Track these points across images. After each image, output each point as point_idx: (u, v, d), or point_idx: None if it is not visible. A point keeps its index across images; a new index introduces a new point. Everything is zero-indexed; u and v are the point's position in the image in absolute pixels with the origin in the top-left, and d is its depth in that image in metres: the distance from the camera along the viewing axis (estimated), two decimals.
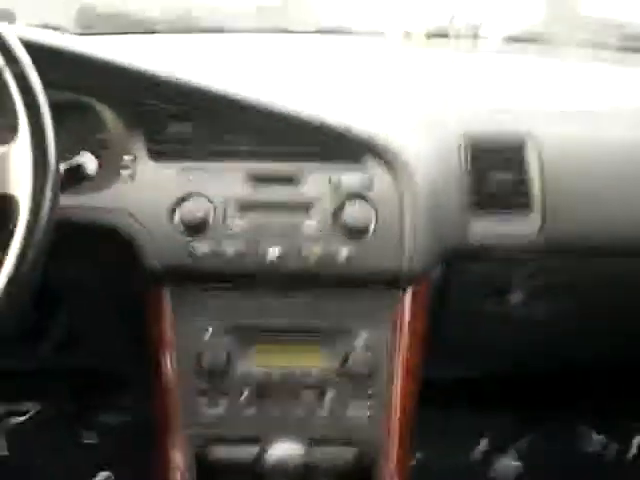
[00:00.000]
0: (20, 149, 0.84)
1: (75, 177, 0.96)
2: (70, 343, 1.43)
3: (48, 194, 0.83)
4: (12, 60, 0.86)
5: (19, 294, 0.82)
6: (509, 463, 1.97)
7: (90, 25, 2.19)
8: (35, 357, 1.55)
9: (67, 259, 0.86)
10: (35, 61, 0.90)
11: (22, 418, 2.02)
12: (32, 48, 0.92)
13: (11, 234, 0.83)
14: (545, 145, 1.24)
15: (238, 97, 1.16)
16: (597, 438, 1.99)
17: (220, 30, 1.85)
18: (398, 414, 1.17)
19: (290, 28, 1.85)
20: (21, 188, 0.83)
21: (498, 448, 1.98)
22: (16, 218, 0.83)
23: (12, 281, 0.81)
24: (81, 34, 1.74)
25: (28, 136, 0.84)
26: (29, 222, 0.82)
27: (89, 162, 0.97)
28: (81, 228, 1.08)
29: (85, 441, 1.99)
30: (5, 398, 2.02)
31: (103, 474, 1.93)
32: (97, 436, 1.99)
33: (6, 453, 1.99)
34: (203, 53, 1.60)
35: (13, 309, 0.83)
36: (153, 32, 1.84)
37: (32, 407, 2.03)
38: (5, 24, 0.90)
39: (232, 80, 1.20)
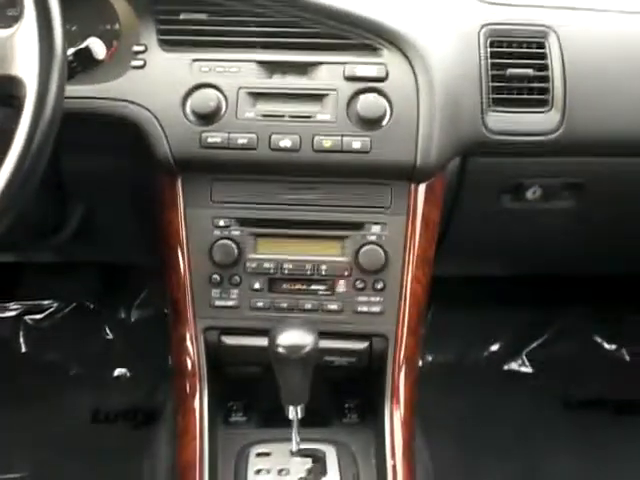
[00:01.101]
0: (26, 31, 0.83)
1: (83, 62, 0.95)
2: (87, 236, 1.44)
3: (55, 75, 0.82)
4: None
5: (27, 181, 0.82)
6: (519, 365, 2.00)
7: None
8: (52, 252, 1.57)
9: (81, 150, 0.85)
10: None
11: (40, 315, 2.06)
12: None
13: (17, 116, 0.82)
14: (567, 40, 1.21)
15: None
16: (610, 344, 2.01)
17: None
18: (409, 306, 1.17)
19: None
20: (27, 70, 0.81)
21: (509, 349, 2.00)
22: (23, 100, 0.82)
23: (19, 166, 0.80)
24: None
25: (34, 18, 0.83)
26: (36, 103, 0.81)
27: (97, 46, 0.95)
28: (92, 118, 1.08)
29: (103, 337, 2.03)
30: (23, 296, 2.06)
31: (120, 371, 1.97)
32: (115, 332, 2.03)
33: (25, 350, 2.03)
34: None
35: (23, 195, 0.82)
36: None
37: (51, 304, 2.06)
38: None
39: None
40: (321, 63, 1.13)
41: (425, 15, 1.20)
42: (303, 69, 1.14)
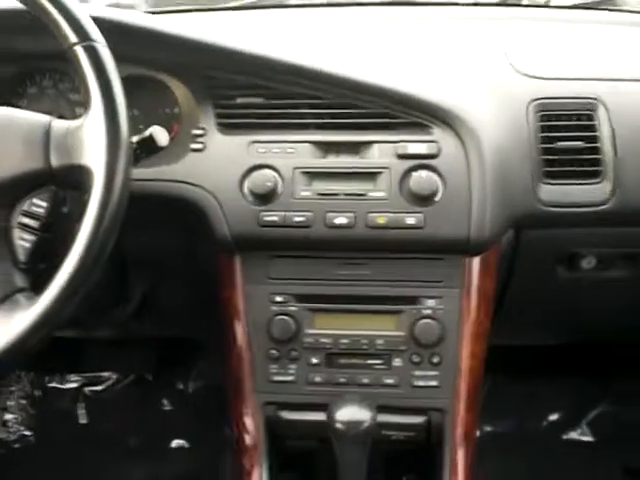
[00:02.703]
0: (94, 122, 0.87)
1: (147, 149, 0.99)
2: (147, 313, 1.48)
3: (121, 164, 0.85)
4: (84, 37, 0.89)
5: (96, 262, 0.85)
6: (579, 434, 1.96)
7: (158, 2, 2.24)
8: (113, 326, 1.60)
9: (144, 230, 0.89)
10: (109, 38, 0.93)
11: (100, 387, 2.10)
12: (106, 25, 0.95)
13: (85, 204, 0.86)
14: (615, 111, 1.22)
15: (305, 69, 1.18)
16: None
17: (284, 5, 1.86)
18: (466, 381, 1.18)
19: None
20: (95, 159, 0.85)
21: (568, 418, 1.97)
22: (90, 187, 0.85)
23: (89, 250, 0.84)
24: (151, 12, 1.77)
25: (101, 109, 0.87)
26: (103, 191, 0.84)
27: (160, 134, 0.99)
28: (155, 200, 1.11)
29: (161, 408, 2.05)
30: (84, 368, 2.10)
31: (177, 442, 1.99)
32: (173, 403, 2.05)
33: (86, 421, 2.06)
34: (269, 28, 1.62)
35: (90, 279, 0.86)
36: (219, 9, 1.87)
37: (110, 376, 2.10)
38: (78, 3, 0.93)
39: (299, 53, 1.21)
40: (373, 142, 1.16)
41: (473, 92, 1.23)
42: (356, 148, 1.16)
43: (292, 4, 1.83)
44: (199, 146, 1.18)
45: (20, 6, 1.00)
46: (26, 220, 0.90)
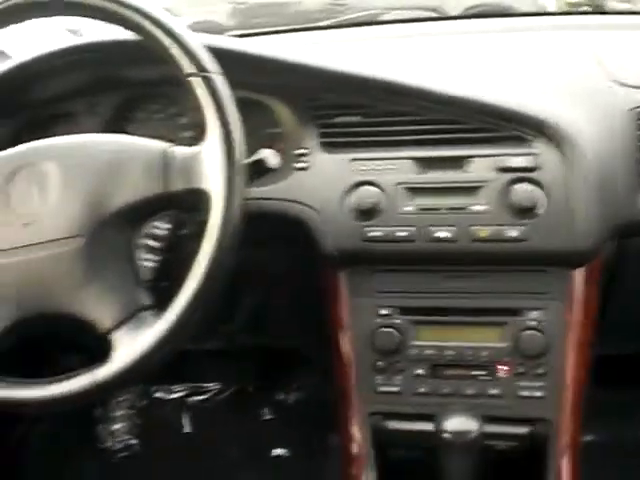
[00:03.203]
0: (211, 148, 0.91)
1: (259, 171, 1.03)
2: (253, 324, 1.53)
3: (237, 188, 0.90)
4: (200, 68, 0.94)
5: (216, 280, 0.90)
6: None
7: (244, 21, 2.31)
8: (220, 339, 1.66)
9: (251, 247, 0.92)
10: (220, 65, 0.98)
11: (203, 397, 2.16)
12: (217, 53, 0.99)
13: (203, 226, 0.91)
14: None
15: (404, 87, 1.20)
16: None
17: (374, 22, 1.90)
18: (570, 392, 1.18)
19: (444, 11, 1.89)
20: (213, 183, 0.90)
21: None
22: (209, 210, 0.90)
23: (210, 268, 0.88)
24: (238, 32, 1.82)
25: (218, 136, 0.92)
26: (222, 213, 0.89)
27: (271, 157, 1.04)
28: (262, 217, 1.16)
29: (262, 418, 2.10)
30: (188, 378, 2.17)
31: (279, 451, 2.03)
32: (274, 413, 2.10)
33: (189, 430, 2.13)
34: (361, 45, 1.65)
35: (212, 296, 0.90)
36: (310, 28, 1.91)
37: (212, 387, 2.16)
38: (192, 33, 0.98)
39: (396, 70, 1.24)
40: (473, 156, 1.18)
41: (571, 103, 1.23)
42: (457, 163, 1.18)
43: (380, 20, 1.86)
44: (303, 165, 1.22)
45: (134, 37, 1.06)
46: (149, 242, 0.95)
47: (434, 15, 1.94)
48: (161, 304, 0.93)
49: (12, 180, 0.98)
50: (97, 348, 1.08)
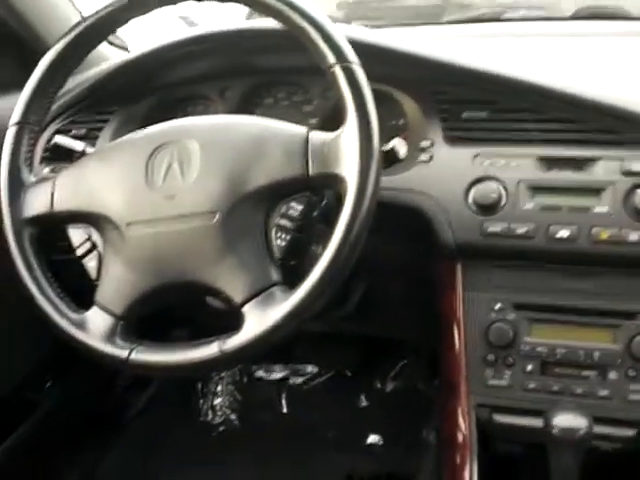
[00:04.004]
0: (349, 135, 0.94)
1: (389, 160, 1.05)
2: (363, 312, 1.56)
3: (373, 173, 0.92)
4: (343, 59, 0.97)
5: (346, 263, 0.92)
6: None
7: (350, 14, 2.34)
8: (325, 323, 1.70)
9: (371, 235, 0.95)
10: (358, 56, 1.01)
11: (302, 379, 2.21)
12: (355, 45, 1.02)
13: (336, 210, 0.94)
14: None
15: (531, 85, 1.21)
16: None
17: (497, 19, 1.90)
18: None
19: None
20: (350, 169, 0.93)
21: None
22: (343, 195, 0.93)
23: (340, 251, 0.92)
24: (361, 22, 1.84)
25: (356, 124, 0.94)
26: (356, 199, 0.92)
27: (401, 147, 1.06)
28: (385, 207, 1.18)
29: (359, 405, 2.14)
30: (288, 361, 2.22)
31: (373, 437, 2.06)
32: (370, 401, 2.13)
33: (286, 411, 2.19)
34: (484, 41, 1.66)
35: (340, 278, 0.93)
36: (432, 23, 1.93)
37: (313, 369, 2.21)
38: (335, 25, 1.01)
39: (524, 68, 1.25)
40: (598, 158, 1.17)
41: None
42: (580, 163, 1.18)
43: (507, 17, 1.86)
44: (426, 157, 1.25)
45: (272, 26, 1.10)
46: (283, 221, 0.99)
47: (549, 15, 1.94)
48: (290, 282, 0.97)
49: (155, 155, 1.03)
50: (207, 325, 1.14)
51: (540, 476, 1.18)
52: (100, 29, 1.11)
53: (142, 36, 1.64)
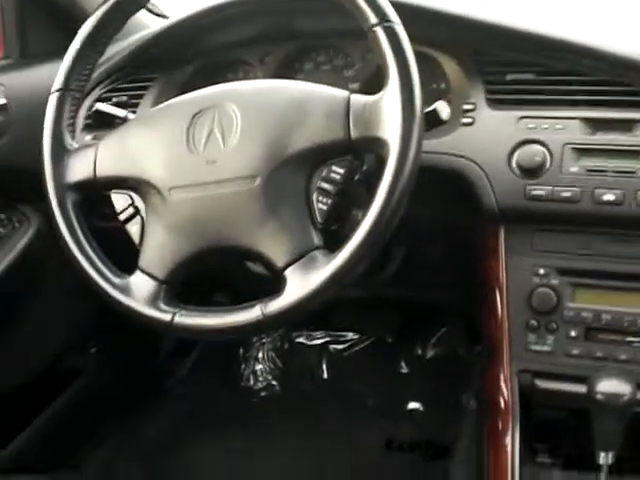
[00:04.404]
0: (391, 97, 0.93)
1: (430, 122, 1.04)
2: (404, 277, 1.55)
3: (415, 136, 0.92)
4: (384, 19, 0.96)
5: (388, 227, 0.92)
6: None
7: None
8: (365, 289, 1.70)
9: (412, 199, 0.94)
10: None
11: (342, 346, 2.22)
12: (395, 6, 1.01)
13: (378, 173, 0.93)
14: None
15: (578, 46, 1.19)
16: None
17: None
18: None
19: None
20: (392, 132, 0.92)
21: None
22: (385, 158, 0.92)
23: (382, 215, 0.91)
24: None
25: (398, 85, 0.93)
26: (398, 162, 0.91)
27: (443, 109, 1.05)
28: (427, 171, 1.18)
29: (399, 371, 2.14)
30: (329, 327, 2.23)
31: (413, 404, 2.06)
32: (411, 367, 2.13)
33: (327, 377, 2.20)
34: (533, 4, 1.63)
35: (382, 242, 0.93)
36: None
37: (353, 335, 2.22)
38: None
39: (569, 29, 1.22)
40: None
41: None
42: (627, 126, 1.16)
43: None
44: (469, 120, 1.23)
45: None
46: (324, 185, 0.99)
47: None
48: (331, 246, 0.96)
49: (196, 120, 1.03)
50: (246, 290, 1.14)
51: (582, 442, 1.17)
52: None
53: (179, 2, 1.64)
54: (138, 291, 1.03)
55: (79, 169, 1.09)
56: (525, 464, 1.24)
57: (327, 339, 2.24)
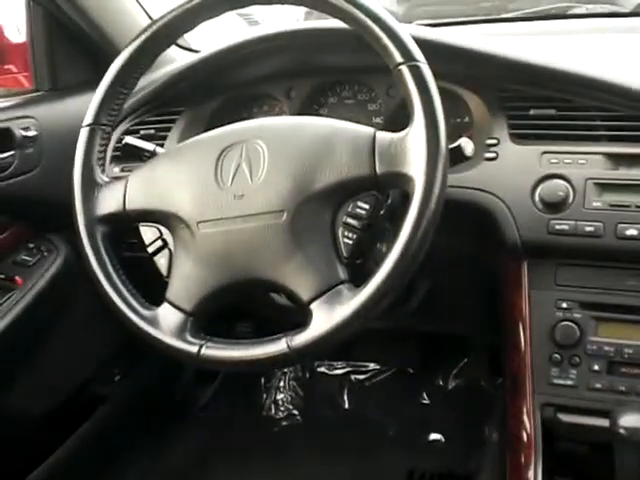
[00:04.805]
0: (416, 134, 0.95)
1: (455, 158, 1.05)
2: (424, 309, 1.56)
3: (440, 172, 0.93)
4: (409, 58, 0.97)
5: (413, 262, 0.93)
6: None
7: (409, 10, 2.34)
8: (388, 320, 1.71)
9: (437, 231, 0.95)
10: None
11: (364, 376, 2.23)
12: (420, 43, 1.02)
13: (403, 209, 0.95)
14: None
15: (600, 82, 1.20)
16: None
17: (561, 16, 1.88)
18: None
19: None
20: (417, 168, 0.93)
21: None
22: (411, 194, 0.93)
23: (407, 250, 0.92)
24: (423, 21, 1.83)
25: (423, 123, 0.95)
26: (423, 198, 0.92)
27: (468, 146, 1.06)
28: (451, 205, 1.19)
29: (420, 402, 2.14)
30: (350, 357, 2.24)
31: (434, 435, 2.06)
32: (432, 398, 2.13)
33: (348, 406, 2.20)
34: (546, 39, 1.64)
35: (407, 276, 0.94)
36: (496, 20, 1.91)
37: (374, 366, 2.22)
38: (400, 24, 1.02)
39: (590, 64, 1.24)
40: None
41: None
42: None
43: (574, 14, 1.84)
44: (492, 155, 1.24)
45: (338, 25, 1.10)
46: (350, 220, 1.00)
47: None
48: (356, 280, 0.98)
49: (224, 156, 1.06)
50: (270, 320, 1.15)
51: (604, 475, 1.17)
52: (170, 31, 1.14)
53: (203, 34, 1.67)
54: (165, 323, 1.04)
55: (109, 202, 1.11)
56: None
57: (348, 369, 2.25)
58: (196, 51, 1.66)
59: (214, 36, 1.52)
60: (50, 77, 1.63)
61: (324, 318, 0.95)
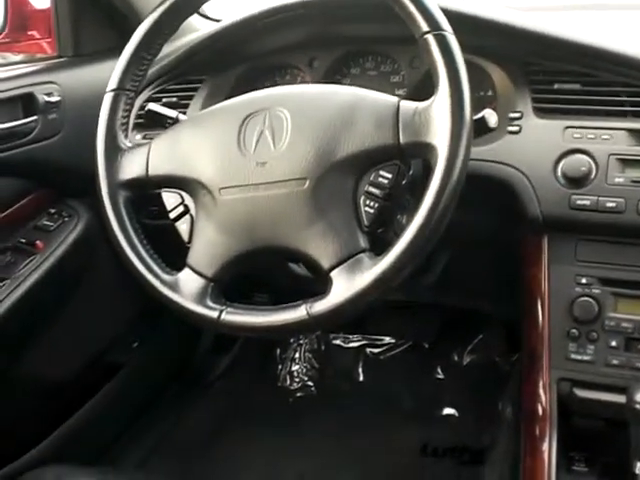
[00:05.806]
0: (441, 104, 0.94)
1: (478, 130, 1.05)
2: (446, 281, 1.56)
3: (464, 143, 0.93)
4: (436, 27, 0.97)
5: (434, 233, 0.93)
6: None
7: None
8: (404, 293, 1.71)
9: (458, 207, 0.95)
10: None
11: (379, 349, 2.24)
12: (447, 14, 1.02)
13: (426, 179, 0.94)
14: None
15: (626, 58, 1.19)
16: None
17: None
18: None
19: None
20: (441, 138, 0.93)
21: None
22: (434, 164, 0.93)
23: (429, 220, 0.92)
24: None
25: (448, 92, 0.94)
26: (446, 168, 0.92)
27: (492, 117, 1.05)
28: (472, 178, 1.18)
29: (434, 376, 2.15)
30: (366, 330, 2.25)
31: (448, 410, 2.07)
32: (446, 373, 2.14)
33: (362, 379, 2.21)
34: (573, 13, 1.63)
35: (428, 247, 0.94)
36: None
37: (390, 340, 2.23)
38: None
39: (617, 40, 1.23)
40: None
41: None
42: None
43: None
44: (515, 129, 1.24)
45: None
46: (372, 189, 1.00)
47: None
48: (377, 249, 0.98)
49: (247, 123, 1.06)
50: (287, 290, 1.15)
51: (619, 451, 1.17)
52: None
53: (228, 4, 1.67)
54: (186, 288, 1.05)
55: (132, 168, 1.11)
56: (561, 472, 1.25)
57: (364, 342, 2.26)
58: (219, 20, 1.65)
59: (237, 6, 1.51)
60: (73, 43, 1.63)
61: (344, 286, 0.95)
